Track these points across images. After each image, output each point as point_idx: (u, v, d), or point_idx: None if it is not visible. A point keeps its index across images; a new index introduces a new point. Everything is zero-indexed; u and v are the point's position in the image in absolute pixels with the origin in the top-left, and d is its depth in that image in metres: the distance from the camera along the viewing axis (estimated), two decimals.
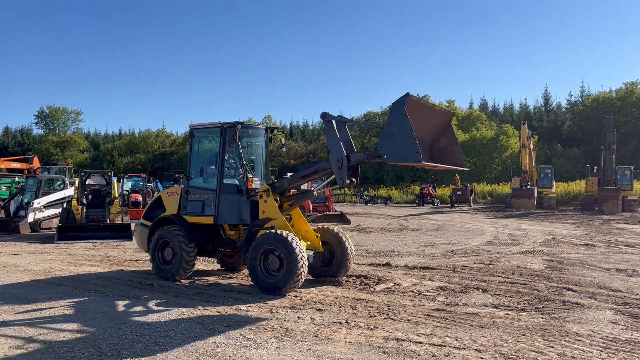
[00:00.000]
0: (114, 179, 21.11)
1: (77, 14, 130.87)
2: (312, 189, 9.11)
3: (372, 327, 6.43)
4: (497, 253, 13.30)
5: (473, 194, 41.34)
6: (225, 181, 9.33)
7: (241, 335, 6.14)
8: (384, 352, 5.53)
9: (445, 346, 5.68)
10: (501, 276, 9.87)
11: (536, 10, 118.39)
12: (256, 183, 9.15)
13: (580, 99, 67.36)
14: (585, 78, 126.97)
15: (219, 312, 7.22)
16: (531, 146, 35.35)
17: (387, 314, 7.03)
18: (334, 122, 8.36)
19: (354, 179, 8.33)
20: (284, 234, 8.16)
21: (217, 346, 5.74)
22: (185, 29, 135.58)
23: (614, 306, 7.52)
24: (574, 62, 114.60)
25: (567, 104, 70.07)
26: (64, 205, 18.84)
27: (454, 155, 8.28)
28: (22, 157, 45.20)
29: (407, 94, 7.31)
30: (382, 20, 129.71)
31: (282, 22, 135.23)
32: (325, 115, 8.36)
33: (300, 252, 8.04)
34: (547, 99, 72.59)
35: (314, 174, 8.91)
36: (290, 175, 9.25)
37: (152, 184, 35.23)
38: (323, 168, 8.74)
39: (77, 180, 20.72)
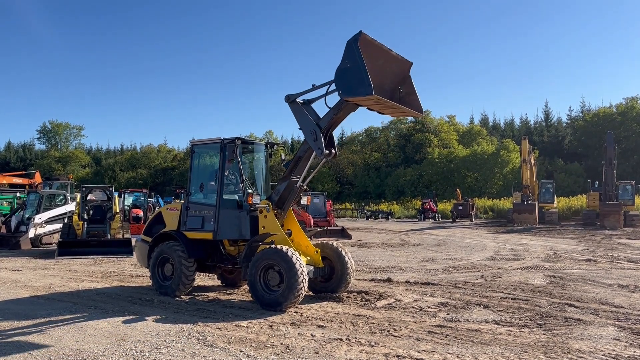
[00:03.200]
0: (115, 194, 21.14)
1: (78, 29, 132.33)
2: (301, 184, 9.04)
3: (373, 343, 6.39)
4: (499, 268, 13.25)
5: (474, 209, 41.33)
6: (225, 196, 9.35)
7: (241, 351, 6.10)
8: None
9: None
10: (503, 292, 9.82)
11: (536, 25, 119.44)
12: (256, 198, 9.15)
13: (580, 114, 67.71)
14: (586, 93, 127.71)
15: (219, 328, 7.18)
16: (532, 161, 35.41)
17: (388, 330, 6.99)
18: (299, 102, 8.42)
19: (332, 149, 8.40)
20: (284, 249, 8.15)
21: None
22: (186, 44, 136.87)
23: (617, 322, 7.47)
24: (574, 77, 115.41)
25: (568, 119, 70.46)
26: (65, 221, 18.85)
27: (412, 103, 8.31)
28: (23, 172, 45.36)
29: (360, 31, 7.39)
30: (382, 36, 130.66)
31: (284, 36, 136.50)
32: (289, 97, 8.46)
33: (300, 267, 8.02)
34: (547, 114, 73.00)
35: (299, 162, 8.83)
36: (279, 180, 9.23)
37: (153, 199, 35.25)
38: (304, 151, 8.74)
39: (78, 196, 20.73)
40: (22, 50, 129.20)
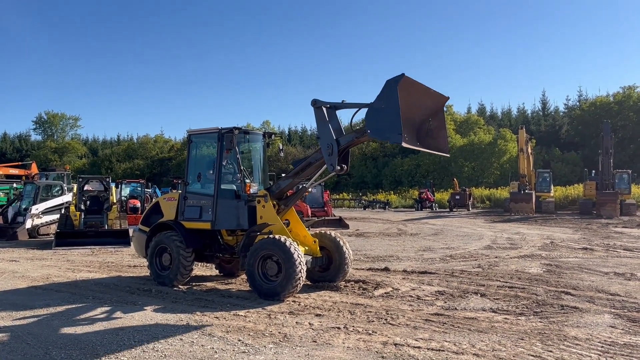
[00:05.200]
0: (112, 185, 21.11)
1: (75, 20, 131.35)
2: (306, 185, 9.07)
3: (370, 332, 6.42)
4: (496, 257, 13.30)
5: (471, 199, 41.39)
6: (222, 186, 9.33)
7: (239, 340, 6.13)
8: (382, 357, 5.52)
9: (443, 351, 5.68)
10: (500, 280, 9.87)
11: (534, 15, 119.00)
12: (254, 188, 9.15)
13: (577, 103, 67.63)
14: (583, 82, 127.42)
15: (217, 317, 7.20)
16: (529, 150, 35.43)
17: (386, 319, 7.02)
18: (324, 108, 8.32)
19: (344, 165, 8.29)
20: (282, 239, 8.16)
21: (216, 352, 5.73)
22: (183, 35, 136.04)
23: (613, 310, 7.52)
24: (572, 66, 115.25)
25: (565, 108, 70.40)
26: (62, 211, 18.83)
27: (440, 139, 8.22)
28: (20, 163, 45.19)
29: (403, 74, 7.23)
30: (379, 26, 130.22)
31: (280, 27, 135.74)
32: (315, 102, 8.34)
33: (298, 257, 8.03)
34: (544, 103, 72.94)
35: (308, 167, 8.83)
36: (284, 176, 9.24)
37: (150, 190, 35.19)
38: (315, 159, 8.69)
39: (75, 186, 20.70)
40: (16, 41, 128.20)
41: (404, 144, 7.16)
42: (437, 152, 8.17)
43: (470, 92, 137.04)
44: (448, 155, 8.49)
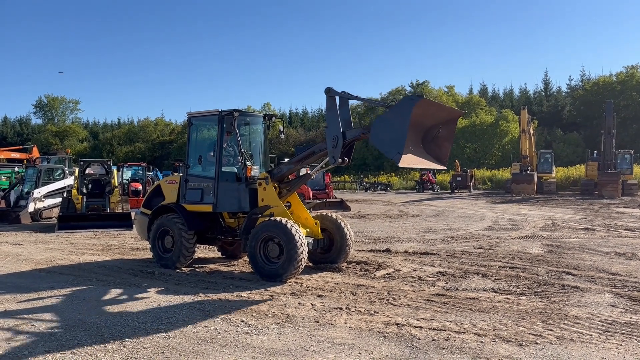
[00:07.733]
0: (114, 168, 21.09)
1: (75, 3, 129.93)
2: (310, 172, 9.10)
3: (372, 312, 6.47)
4: (497, 238, 13.34)
5: (473, 180, 41.39)
6: (223, 169, 9.32)
7: (242, 321, 6.18)
8: (384, 337, 5.57)
9: (445, 330, 5.72)
10: (501, 261, 9.90)
11: None
12: (255, 171, 9.14)
13: (580, 83, 67.11)
14: (586, 62, 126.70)
15: (220, 299, 7.25)
16: (531, 131, 35.29)
17: (387, 300, 7.06)
18: (337, 98, 8.27)
19: (346, 158, 8.27)
20: (284, 221, 8.17)
21: (219, 332, 5.78)
22: (183, 17, 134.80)
23: (613, 289, 7.55)
24: (574, 46, 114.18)
25: (567, 88, 69.88)
26: (64, 195, 18.85)
27: (442, 149, 8.27)
28: (21, 147, 45.14)
29: (422, 96, 7.31)
30: (381, 6, 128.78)
31: (281, 9, 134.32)
32: (329, 91, 8.27)
33: (299, 239, 8.05)
34: (547, 83, 72.34)
35: (311, 155, 8.84)
36: (287, 160, 9.24)
37: (151, 173, 35.17)
38: (320, 149, 8.67)
39: (76, 170, 20.70)
40: (16, 24, 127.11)
41: (401, 165, 7.24)
42: (433, 165, 8.20)
43: (472, 72, 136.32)
44: (444, 168, 8.54)
